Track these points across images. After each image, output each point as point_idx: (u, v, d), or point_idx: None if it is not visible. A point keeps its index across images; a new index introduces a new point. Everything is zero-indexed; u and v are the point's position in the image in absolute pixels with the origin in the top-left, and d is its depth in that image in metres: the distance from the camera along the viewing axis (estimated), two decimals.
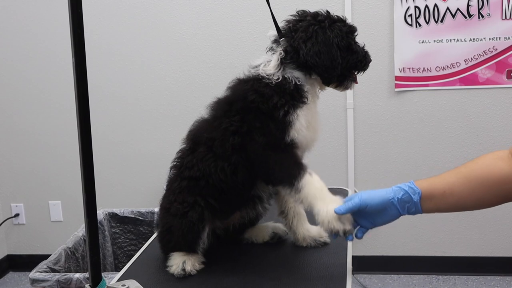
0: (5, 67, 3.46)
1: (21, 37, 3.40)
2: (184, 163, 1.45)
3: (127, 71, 3.36)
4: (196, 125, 1.50)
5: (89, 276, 1.27)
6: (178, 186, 1.43)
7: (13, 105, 3.49)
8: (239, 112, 1.38)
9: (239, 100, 1.39)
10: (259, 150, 1.36)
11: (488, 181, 1.28)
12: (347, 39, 1.40)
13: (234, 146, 1.37)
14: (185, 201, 1.39)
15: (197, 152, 1.42)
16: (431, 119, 3.15)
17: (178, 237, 1.39)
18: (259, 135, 1.36)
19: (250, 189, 1.44)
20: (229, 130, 1.38)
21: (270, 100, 1.35)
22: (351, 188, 3.19)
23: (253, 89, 1.38)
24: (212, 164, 1.39)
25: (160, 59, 3.32)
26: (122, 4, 3.28)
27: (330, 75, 1.39)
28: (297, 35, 1.38)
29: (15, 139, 3.54)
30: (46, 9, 3.33)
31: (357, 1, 3.09)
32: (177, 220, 1.39)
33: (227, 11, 3.21)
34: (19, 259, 3.68)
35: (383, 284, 3.28)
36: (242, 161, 1.38)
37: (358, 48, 1.43)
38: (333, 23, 1.39)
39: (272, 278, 1.35)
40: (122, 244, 2.88)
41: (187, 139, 1.51)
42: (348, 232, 1.30)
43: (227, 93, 1.47)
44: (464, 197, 1.30)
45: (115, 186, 3.47)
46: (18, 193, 3.61)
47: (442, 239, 3.29)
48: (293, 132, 1.36)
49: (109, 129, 3.41)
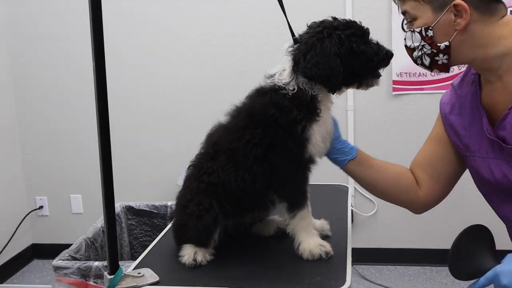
0: (31, 72, 3.47)
1: (48, 45, 3.42)
2: (204, 167, 1.41)
3: (144, 75, 3.37)
4: (215, 131, 1.45)
5: (107, 264, 1.28)
6: (196, 187, 1.41)
7: (40, 107, 3.52)
8: (260, 125, 1.34)
9: (259, 114, 1.35)
10: (282, 164, 1.34)
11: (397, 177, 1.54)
12: (349, 44, 1.33)
13: (256, 157, 1.34)
14: (201, 204, 1.37)
15: (218, 160, 1.39)
16: (426, 120, 3.13)
17: (192, 234, 1.38)
18: (281, 149, 1.33)
19: (265, 195, 1.42)
20: (252, 142, 1.34)
21: (290, 114, 1.32)
22: (351, 185, 3.18)
23: (272, 102, 1.34)
24: (233, 174, 1.36)
25: (175, 66, 3.33)
26: (137, 14, 3.30)
27: (332, 84, 1.34)
28: (299, 48, 1.35)
29: (40, 138, 3.56)
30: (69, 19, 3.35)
31: (357, 10, 3.09)
32: (192, 220, 1.38)
33: (237, 18, 3.21)
34: (43, 248, 3.70)
35: (381, 275, 3.27)
36: (262, 171, 1.35)
37: (366, 48, 1.36)
38: (333, 31, 1.33)
39: (277, 268, 1.35)
40: (138, 235, 2.89)
41: (207, 144, 1.46)
42: (329, 252, 1.37)
43: (247, 103, 1.41)
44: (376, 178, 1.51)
45: (132, 181, 3.48)
46: (42, 187, 3.63)
47: (435, 232, 3.28)
48: (310, 147, 1.34)
49: (127, 128, 3.42)
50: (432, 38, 1.31)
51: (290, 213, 1.38)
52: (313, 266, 1.34)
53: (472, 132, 1.41)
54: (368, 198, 3.28)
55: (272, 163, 1.35)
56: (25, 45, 3.44)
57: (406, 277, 3.22)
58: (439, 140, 1.52)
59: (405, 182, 1.53)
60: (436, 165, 1.51)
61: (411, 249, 3.34)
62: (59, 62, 3.43)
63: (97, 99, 1.18)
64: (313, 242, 1.38)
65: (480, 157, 1.39)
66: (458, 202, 3.20)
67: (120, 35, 3.31)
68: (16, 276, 3.49)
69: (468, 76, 1.45)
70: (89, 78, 1.31)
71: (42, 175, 3.61)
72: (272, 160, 1.35)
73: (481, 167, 1.39)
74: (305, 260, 1.37)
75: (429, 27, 1.30)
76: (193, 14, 3.25)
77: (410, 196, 1.54)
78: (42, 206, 3.64)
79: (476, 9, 1.26)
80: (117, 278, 1.25)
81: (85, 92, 3.39)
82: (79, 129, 3.48)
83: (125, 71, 3.35)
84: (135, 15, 3.30)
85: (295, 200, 1.38)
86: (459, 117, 1.44)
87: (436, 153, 1.52)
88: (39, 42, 3.42)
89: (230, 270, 1.34)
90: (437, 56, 1.33)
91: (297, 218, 1.38)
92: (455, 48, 1.30)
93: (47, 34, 3.40)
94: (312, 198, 1.43)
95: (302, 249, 1.38)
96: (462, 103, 1.44)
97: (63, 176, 3.58)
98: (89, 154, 3.47)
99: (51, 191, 3.63)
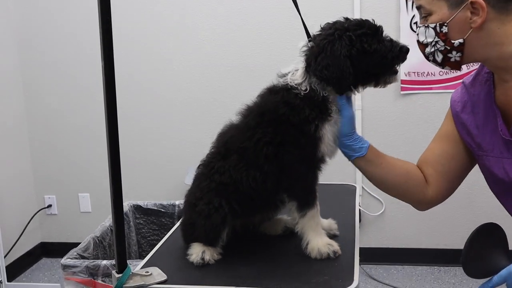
0: (40, 72, 3.49)
1: (57, 42, 3.43)
2: (215, 167, 1.41)
3: (151, 75, 3.38)
4: (227, 130, 1.45)
5: (115, 263, 1.28)
6: (207, 186, 1.40)
7: (49, 106, 3.53)
8: (271, 124, 1.34)
9: (270, 112, 1.35)
10: (294, 162, 1.34)
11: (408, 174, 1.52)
12: (360, 44, 1.31)
13: (267, 156, 1.34)
14: (211, 203, 1.37)
15: (230, 160, 1.38)
16: (434, 120, 3.12)
17: (200, 233, 1.38)
18: (293, 148, 1.33)
19: (276, 195, 1.42)
20: (262, 141, 1.34)
21: (302, 113, 1.32)
22: (359, 185, 3.18)
23: (283, 101, 1.34)
24: (244, 173, 1.36)
25: (182, 64, 3.33)
26: (147, 14, 3.30)
27: (341, 86, 1.33)
28: (312, 49, 1.35)
29: (49, 137, 3.57)
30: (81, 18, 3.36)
31: (366, 9, 3.07)
32: (201, 219, 1.38)
33: (245, 18, 3.21)
34: (51, 246, 3.72)
35: (388, 274, 3.26)
36: (273, 170, 1.35)
37: (379, 46, 1.33)
38: (344, 33, 1.32)
39: (284, 268, 1.34)
40: (146, 234, 2.90)
41: (218, 143, 1.45)
42: (337, 252, 1.37)
43: (258, 102, 1.41)
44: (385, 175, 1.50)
45: (140, 181, 3.49)
46: (51, 186, 3.65)
47: (443, 232, 3.26)
48: (323, 147, 1.34)
49: (135, 128, 3.43)
50: (446, 35, 1.29)
51: (300, 212, 1.38)
52: (321, 265, 1.34)
53: (485, 132, 1.39)
54: (376, 198, 3.27)
55: (283, 161, 1.35)
56: (35, 43, 3.46)
57: (414, 277, 3.21)
58: (449, 137, 1.51)
59: (414, 179, 1.52)
60: (446, 163, 1.50)
61: (418, 249, 3.33)
62: (68, 60, 3.44)
63: (106, 99, 1.18)
64: (322, 241, 1.38)
65: (493, 156, 1.38)
66: (466, 202, 3.18)
67: (129, 33, 3.31)
68: (25, 275, 3.51)
69: (481, 75, 1.44)
70: (98, 77, 1.32)
71: (50, 174, 3.62)
72: (283, 159, 1.34)
73: (494, 167, 1.38)
74: (312, 259, 1.37)
75: (444, 23, 1.28)
76: (201, 13, 3.26)
77: (418, 193, 1.53)
78: (51, 205, 3.66)
79: (493, 8, 1.24)
80: (125, 277, 1.25)
81: (94, 91, 3.41)
82: (87, 128, 3.49)
83: (134, 71, 3.36)
84: (144, 14, 3.31)
85: (305, 199, 1.38)
86: (472, 115, 1.43)
87: (445, 151, 1.51)
88: (48, 40, 3.44)
89: (238, 269, 1.34)
90: (450, 53, 1.32)
91: (307, 217, 1.38)
92: (470, 45, 1.29)
93: (56, 31, 3.42)
94: (320, 197, 1.42)
95: (311, 248, 1.38)
96: (475, 102, 1.43)
97: (72, 175, 3.60)
98: (97, 153, 3.49)
99: (59, 190, 3.65)
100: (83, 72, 3.42)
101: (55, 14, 3.39)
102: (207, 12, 3.25)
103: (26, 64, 3.49)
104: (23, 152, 3.57)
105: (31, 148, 3.60)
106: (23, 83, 3.52)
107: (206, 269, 1.35)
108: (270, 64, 3.14)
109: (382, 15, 3.06)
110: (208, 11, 3.24)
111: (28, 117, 3.57)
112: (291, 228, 1.55)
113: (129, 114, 3.39)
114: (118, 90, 1.19)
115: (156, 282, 1.27)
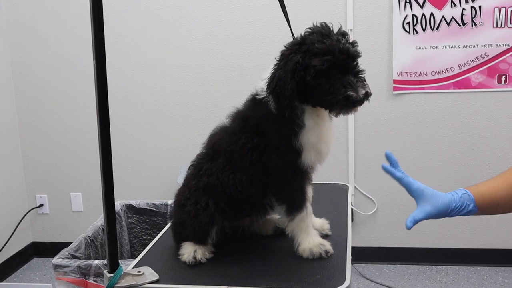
0: (32, 71, 3.47)
1: (48, 43, 3.41)
2: (203, 168, 1.41)
3: (143, 73, 3.36)
4: (217, 132, 1.45)
5: (107, 262, 1.28)
6: (195, 185, 1.41)
7: (39, 105, 3.51)
8: (254, 131, 1.34)
9: (252, 118, 1.35)
10: (278, 168, 1.34)
11: None
12: (304, 73, 1.23)
13: (251, 161, 1.34)
14: (198, 202, 1.38)
15: (217, 162, 1.39)
16: (426, 120, 3.14)
17: (190, 231, 1.39)
18: (276, 156, 1.33)
19: (262, 199, 1.42)
20: (247, 147, 1.34)
21: (275, 123, 1.31)
22: (351, 184, 3.19)
23: (261, 110, 1.33)
24: (231, 176, 1.36)
25: (174, 63, 3.32)
26: (140, 12, 3.29)
27: (280, 102, 1.26)
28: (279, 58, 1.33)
29: (40, 136, 3.55)
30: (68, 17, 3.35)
31: (359, 10, 3.08)
32: (190, 219, 1.38)
33: (237, 17, 3.21)
34: (43, 246, 3.70)
35: (380, 273, 3.27)
36: (258, 174, 1.35)
37: (324, 83, 1.23)
38: (297, 54, 1.25)
39: (277, 267, 1.34)
40: (138, 233, 2.89)
41: (208, 144, 1.46)
42: (329, 251, 1.37)
43: (243, 106, 1.41)
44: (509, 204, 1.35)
45: (132, 180, 3.48)
46: (42, 185, 3.63)
47: (435, 232, 3.28)
48: (304, 158, 1.32)
49: (127, 127, 3.42)
50: None
51: (289, 216, 1.38)
52: (313, 264, 1.34)
53: None
54: (368, 197, 3.28)
55: (268, 167, 1.34)
56: (26, 44, 3.44)
57: (406, 276, 3.22)
58: None
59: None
60: None
61: (410, 248, 3.34)
62: (59, 61, 3.42)
63: (98, 97, 1.18)
64: (313, 241, 1.39)
65: None
66: None
67: (121, 32, 3.30)
68: (16, 274, 3.49)
69: None
70: (90, 76, 1.31)
71: (42, 173, 3.61)
72: (268, 165, 1.34)
73: None
74: (305, 258, 1.37)
75: None
76: (196, 12, 3.25)
77: None
78: (42, 204, 3.64)
79: None
80: (116, 277, 1.25)
81: (85, 90, 3.39)
82: (79, 127, 3.48)
83: (125, 69, 3.35)
84: (137, 12, 3.30)
85: (293, 203, 1.38)
86: None
87: None
88: (39, 41, 3.42)
89: (230, 268, 1.34)
90: None
91: (296, 220, 1.38)
92: None
93: (48, 33, 3.40)
94: (312, 196, 1.43)
95: (302, 250, 1.39)
96: None
97: (63, 174, 3.58)
98: (89, 152, 3.48)
99: (51, 189, 3.63)
100: (75, 71, 3.40)
101: (47, 12, 3.37)
102: (200, 12, 3.24)
103: (17, 63, 3.47)
104: (15, 151, 3.55)
105: (23, 147, 3.58)
106: (14, 82, 3.50)
107: (198, 269, 1.35)
108: (263, 64, 3.13)
109: (375, 16, 3.06)
110: (201, 11, 3.24)
111: (19, 116, 3.54)
112: (281, 228, 1.55)
113: (121, 114, 3.38)
114: (110, 89, 1.19)
115: (148, 282, 1.27)
